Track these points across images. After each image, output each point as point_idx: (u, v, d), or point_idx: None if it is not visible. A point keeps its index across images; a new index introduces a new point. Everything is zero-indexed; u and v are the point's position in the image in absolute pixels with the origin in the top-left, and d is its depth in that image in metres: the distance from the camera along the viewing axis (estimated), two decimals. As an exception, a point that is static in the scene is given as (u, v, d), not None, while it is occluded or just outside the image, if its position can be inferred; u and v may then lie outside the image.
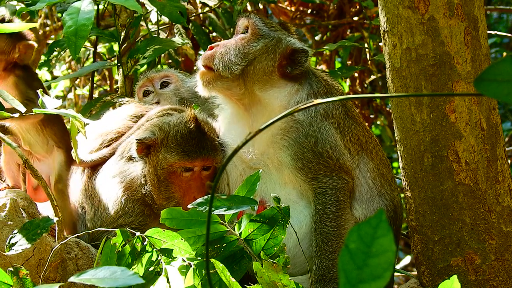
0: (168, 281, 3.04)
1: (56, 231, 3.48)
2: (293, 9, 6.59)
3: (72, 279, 2.40)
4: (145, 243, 3.24)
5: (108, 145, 4.13)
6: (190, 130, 3.84)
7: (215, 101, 4.16)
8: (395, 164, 7.36)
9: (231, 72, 3.85)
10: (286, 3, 6.66)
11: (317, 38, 6.94)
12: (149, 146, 3.86)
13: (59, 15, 5.08)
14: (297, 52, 3.90)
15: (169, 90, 4.61)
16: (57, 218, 3.41)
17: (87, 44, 6.21)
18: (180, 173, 3.85)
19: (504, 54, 8.05)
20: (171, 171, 3.84)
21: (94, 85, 5.89)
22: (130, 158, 3.95)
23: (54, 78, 7.02)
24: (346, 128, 3.92)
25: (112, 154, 4.10)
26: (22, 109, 3.51)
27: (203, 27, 5.82)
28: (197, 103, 4.42)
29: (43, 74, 7.13)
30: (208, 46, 3.97)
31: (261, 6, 6.40)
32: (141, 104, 4.38)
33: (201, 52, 5.83)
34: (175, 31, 5.53)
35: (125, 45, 5.19)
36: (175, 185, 3.86)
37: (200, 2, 5.78)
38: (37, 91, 3.65)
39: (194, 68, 6.00)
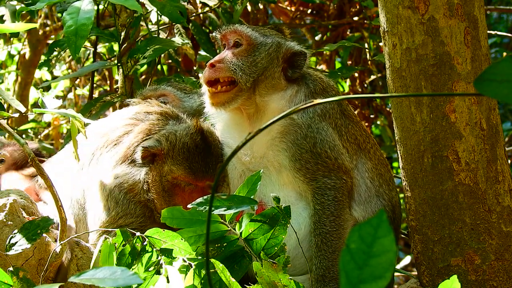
0: (168, 281, 3.04)
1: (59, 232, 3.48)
2: (293, 9, 6.59)
3: (72, 279, 2.40)
4: (145, 243, 3.25)
5: (112, 144, 4.12)
6: (196, 144, 3.86)
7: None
8: (395, 164, 7.36)
9: (249, 81, 3.81)
10: (286, 3, 6.65)
11: (317, 38, 6.94)
12: (154, 154, 3.87)
13: (59, 15, 5.07)
14: (297, 55, 3.91)
15: None
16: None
17: (87, 44, 6.20)
18: (183, 186, 3.88)
19: (504, 54, 8.05)
20: (175, 183, 3.86)
21: (94, 85, 5.88)
22: (133, 161, 3.95)
23: (54, 78, 7.02)
24: (343, 128, 3.91)
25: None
26: (22, 109, 3.51)
27: (203, 27, 5.82)
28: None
29: (43, 74, 7.13)
30: (207, 64, 3.87)
31: (261, 6, 6.40)
32: (146, 103, 4.34)
33: (201, 52, 5.83)
34: (175, 31, 5.53)
35: (125, 45, 5.19)
36: (178, 196, 3.88)
37: (200, 2, 5.78)
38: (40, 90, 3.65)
39: (194, 68, 6.00)
